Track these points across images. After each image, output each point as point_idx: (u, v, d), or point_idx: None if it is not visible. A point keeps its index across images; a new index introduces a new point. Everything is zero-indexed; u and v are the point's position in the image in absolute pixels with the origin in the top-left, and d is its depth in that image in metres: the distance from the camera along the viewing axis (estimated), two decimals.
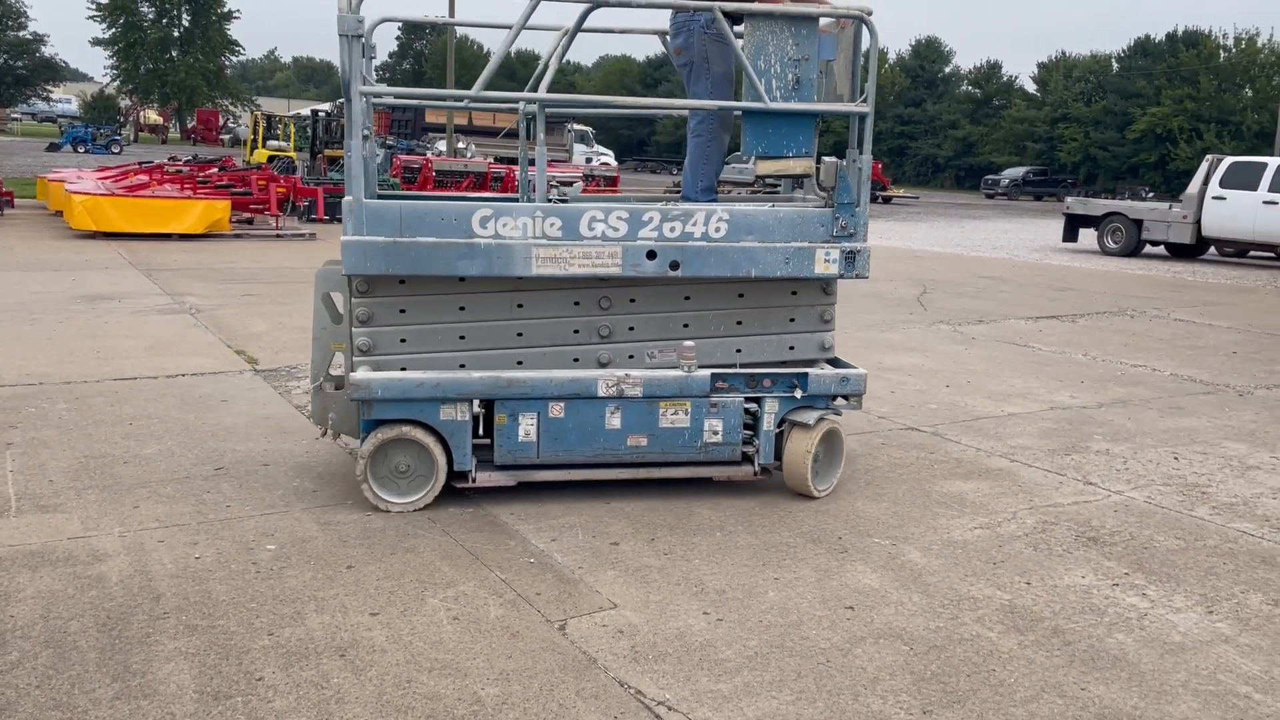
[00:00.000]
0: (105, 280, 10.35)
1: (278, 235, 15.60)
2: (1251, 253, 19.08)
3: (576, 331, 4.52)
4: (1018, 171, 53.11)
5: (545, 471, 4.48)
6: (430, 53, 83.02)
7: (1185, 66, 52.47)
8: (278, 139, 32.02)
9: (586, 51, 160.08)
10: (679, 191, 5.32)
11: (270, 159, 26.92)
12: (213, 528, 4.07)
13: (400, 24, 5.56)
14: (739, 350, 4.72)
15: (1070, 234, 20.14)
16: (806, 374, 4.61)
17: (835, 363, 4.91)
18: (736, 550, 4.04)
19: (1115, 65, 58.62)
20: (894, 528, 4.36)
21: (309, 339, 4.80)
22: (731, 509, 4.49)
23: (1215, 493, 5.00)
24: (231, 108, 67.54)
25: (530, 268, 4.23)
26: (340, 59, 4.02)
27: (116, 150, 39.41)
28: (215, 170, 18.50)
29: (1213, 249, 18.98)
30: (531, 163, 4.55)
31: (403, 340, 4.35)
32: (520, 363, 4.46)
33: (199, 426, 5.45)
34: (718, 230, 4.39)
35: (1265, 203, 17.07)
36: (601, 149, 44.61)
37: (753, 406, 4.61)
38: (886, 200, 37.51)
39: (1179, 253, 18.95)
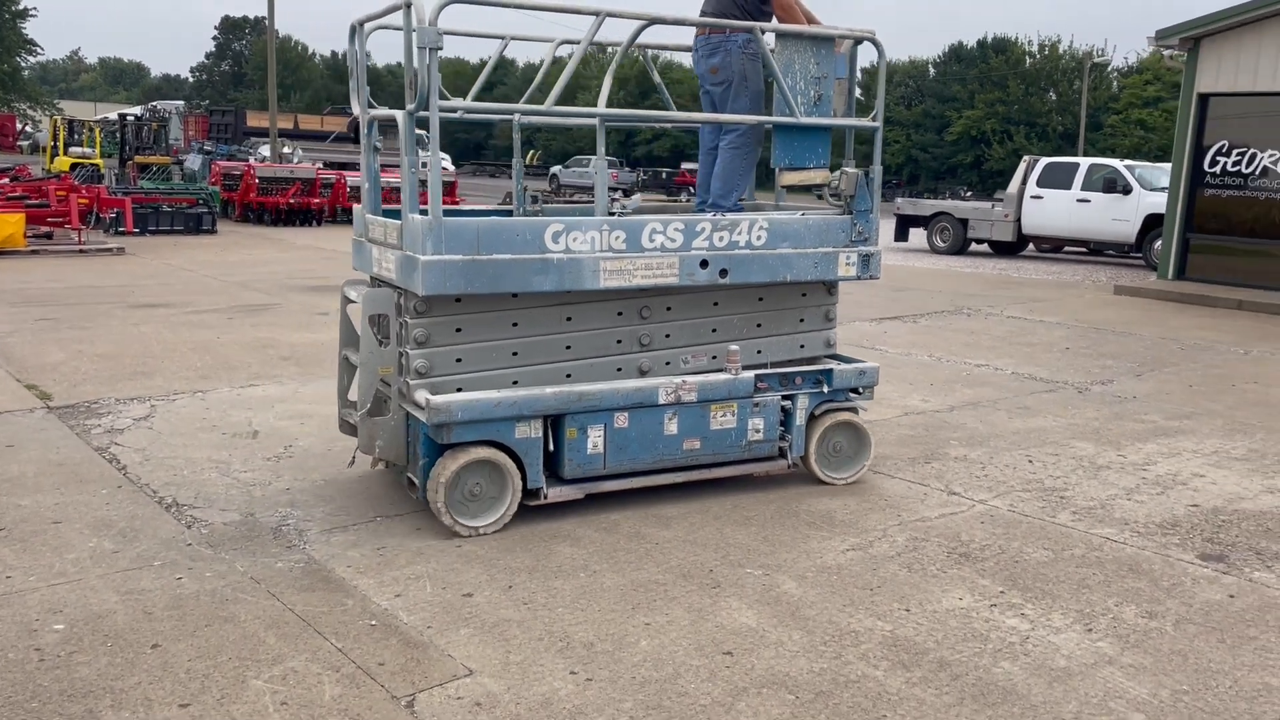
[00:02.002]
0: None
1: (81, 250, 14.30)
2: (1066, 248, 20.16)
3: (619, 341, 4.64)
4: None
5: (610, 482, 4.51)
6: (251, 54, 79.29)
7: (995, 72, 55.46)
8: (82, 145, 29.66)
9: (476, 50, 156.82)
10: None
11: (73, 167, 24.86)
12: None
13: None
14: (759, 351, 4.98)
15: (901, 234, 20.83)
16: (831, 370, 4.93)
17: (838, 358, 5.21)
18: (603, 593, 3.71)
19: (932, 70, 61.50)
20: (765, 554, 4.13)
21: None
22: (595, 545, 4.16)
23: (1073, 496, 5.00)
24: (30, 112, 62.53)
25: (599, 281, 4.31)
26: (420, 72, 3.86)
27: None
28: (6, 180, 16.84)
29: (1031, 245, 19.94)
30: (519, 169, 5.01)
31: (458, 360, 4.30)
32: (569, 375, 4.53)
33: None
34: (759, 239, 4.66)
35: (1078, 200, 18.03)
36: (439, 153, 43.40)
37: (786, 404, 4.86)
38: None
39: (1001, 250, 19.83)
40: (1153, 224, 17.01)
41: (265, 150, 29.37)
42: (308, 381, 6.95)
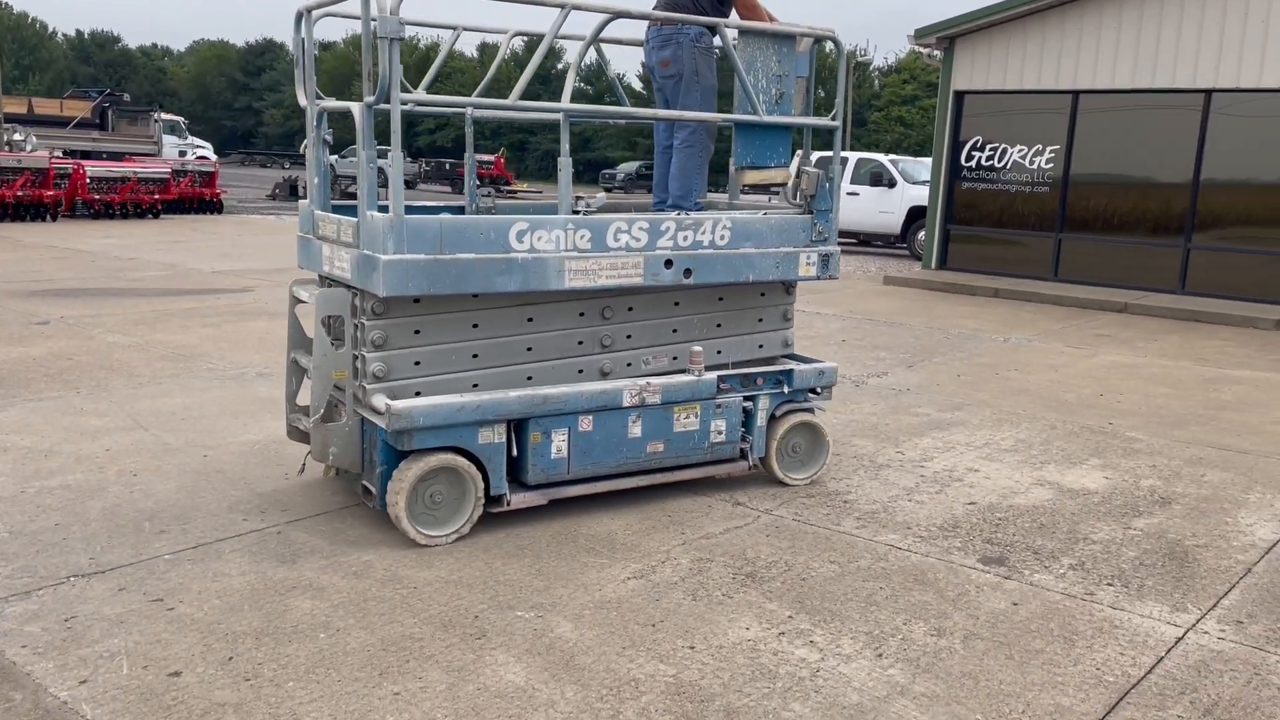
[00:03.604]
0: None
1: None
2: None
3: (581, 343, 4.54)
4: (631, 166, 55.37)
5: (574, 487, 4.42)
6: None
7: None
8: None
9: (180, 37, 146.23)
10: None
11: None
12: None
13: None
14: (719, 351, 4.94)
15: None
16: (792, 370, 4.93)
17: (795, 357, 5.20)
18: (346, 658, 3.17)
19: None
20: (539, 591, 3.70)
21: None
22: (341, 595, 3.60)
23: (856, 500, 4.86)
24: None
25: (564, 281, 4.20)
26: (381, 64, 3.69)
27: None
28: None
29: None
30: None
31: (416, 363, 4.14)
32: (530, 378, 4.42)
33: None
34: (722, 238, 4.61)
35: (848, 194, 18.67)
36: (198, 141, 40.44)
37: (748, 405, 4.83)
38: (512, 194, 37.40)
39: None
40: (916, 216, 17.86)
41: None
42: (6, 406, 5.94)
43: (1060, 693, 3.11)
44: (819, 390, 5.10)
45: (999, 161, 14.07)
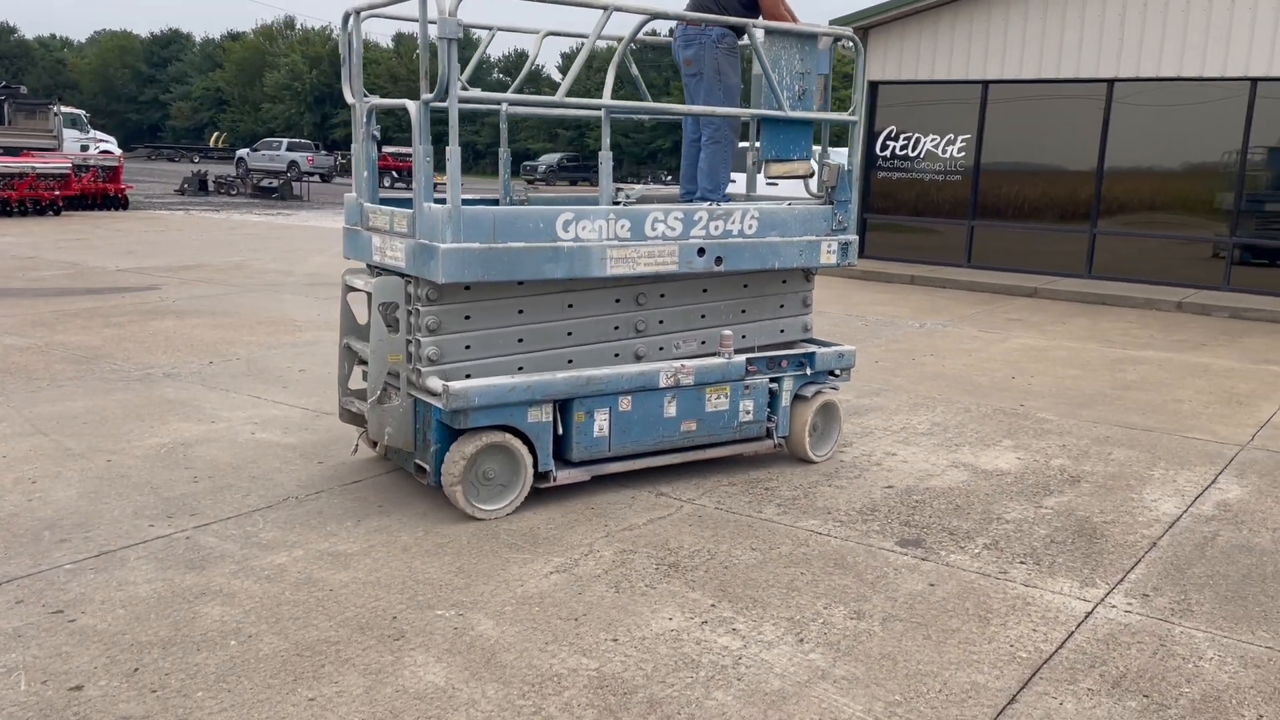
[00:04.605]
0: None
1: None
2: None
3: (616, 328, 4.77)
4: (553, 157, 55.19)
5: (615, 464, 4.65)
6: None
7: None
8: None
9: (80, 27, 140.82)
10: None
11: None
12: None
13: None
14: (744, 336, 5.17)
15: None
16: (814, 353, 5.20)
17: (814, 341, 5.47)
18: (258, 665, 3.07)
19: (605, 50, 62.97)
20: (460, 589, 3.64)
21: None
22: (253, 599, 3.50)
23: (777, 486, 4.90)
24: None
25: (605, 268, 4.40)
26: (440, 63, 3.87)
27: None
28: None
29: None
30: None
31: (467, 347, 4.37)
32: (570, 361, 4.63)
33: None
34: (750, 227, 4.84)
35: (768, 184, 18.83)
36: (101, 135, 38.95)
37: (774, 386, 5.09)
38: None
39: None
40: None
41: None
42: None
43: (975, 670, 3.17)
44: (837, 372, 5.36)
45: (913, 151, 14.32)
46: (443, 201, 4.04)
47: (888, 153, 14.55)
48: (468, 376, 4.32)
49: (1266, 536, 4.45)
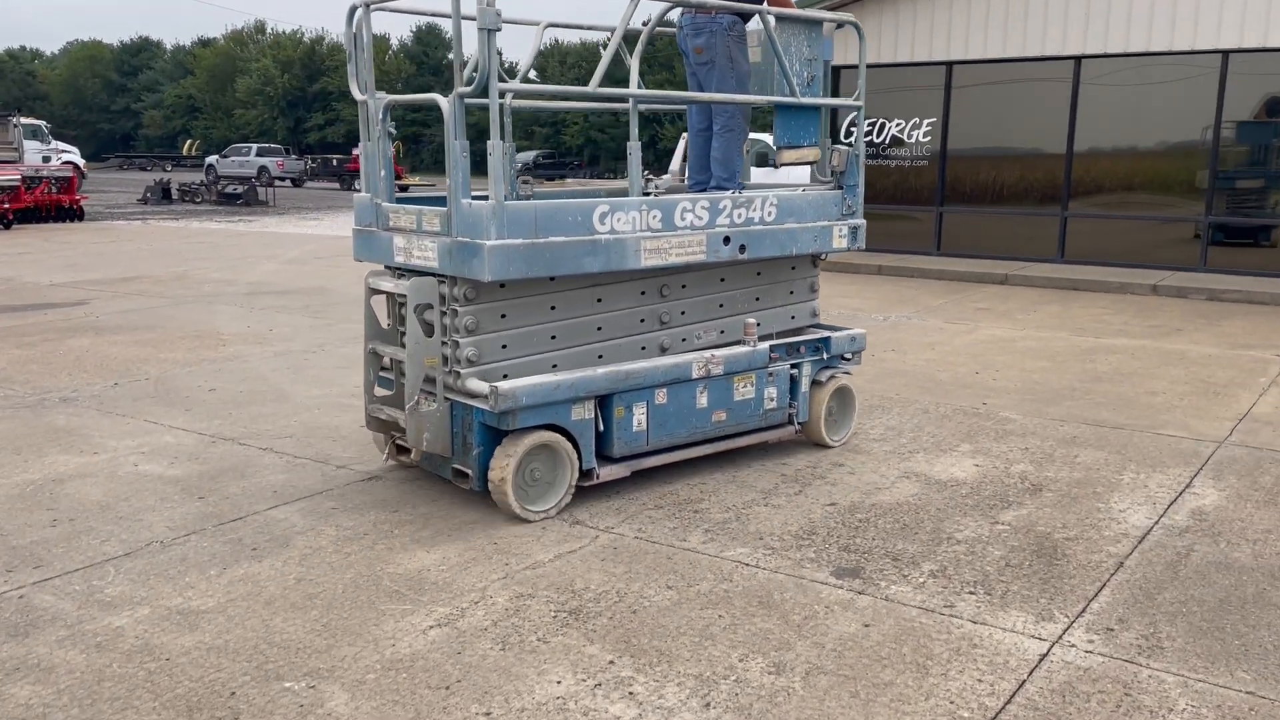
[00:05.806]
0: None
1: None
2: None
3: (642, 320, 4.74)
4: (528, 155, 54.54)
5: (652, 458, 4.62)
6: None
7: (661, 54, 57.18)
8: None
9: (52, 39, 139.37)
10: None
11: None
12: None
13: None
14: (759, 324, 5.05)
15: None
16: (830, 338, 5.22)
17: (822, 326, 5.46)
18: None
19: (602, 51, 62.52)
20: (319, 652, 3.15)
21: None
22: (73, 675, 3.00)
23: (708, 508, 4.42)
24: None
25: (640, 260, 4.37)
26: (480, 56, 3.80)
27: None
28: None
29: None
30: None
31: (504, 346, 4.29)
32: (600, 356, 4.59)
33: None
34: (770, 214, 4.84)
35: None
36: (63, 145, 38.16)
37: (794, 372, 5.10)
38: (403, 189, 36.26)
39: None
40: None
41: None
42: None
43: None
44: (849, 356, 5.38)
45: (878, 137, 13.86)
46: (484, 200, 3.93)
47: (851, 138, 14.07)
48: (505, 377, 4.24)
49: (1246, 550, 4.00)
